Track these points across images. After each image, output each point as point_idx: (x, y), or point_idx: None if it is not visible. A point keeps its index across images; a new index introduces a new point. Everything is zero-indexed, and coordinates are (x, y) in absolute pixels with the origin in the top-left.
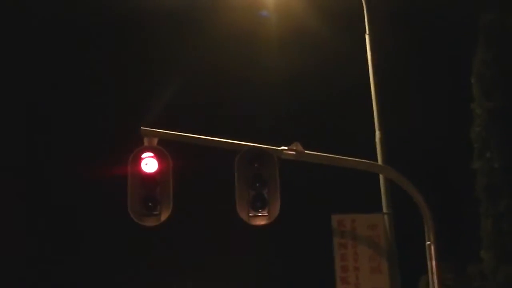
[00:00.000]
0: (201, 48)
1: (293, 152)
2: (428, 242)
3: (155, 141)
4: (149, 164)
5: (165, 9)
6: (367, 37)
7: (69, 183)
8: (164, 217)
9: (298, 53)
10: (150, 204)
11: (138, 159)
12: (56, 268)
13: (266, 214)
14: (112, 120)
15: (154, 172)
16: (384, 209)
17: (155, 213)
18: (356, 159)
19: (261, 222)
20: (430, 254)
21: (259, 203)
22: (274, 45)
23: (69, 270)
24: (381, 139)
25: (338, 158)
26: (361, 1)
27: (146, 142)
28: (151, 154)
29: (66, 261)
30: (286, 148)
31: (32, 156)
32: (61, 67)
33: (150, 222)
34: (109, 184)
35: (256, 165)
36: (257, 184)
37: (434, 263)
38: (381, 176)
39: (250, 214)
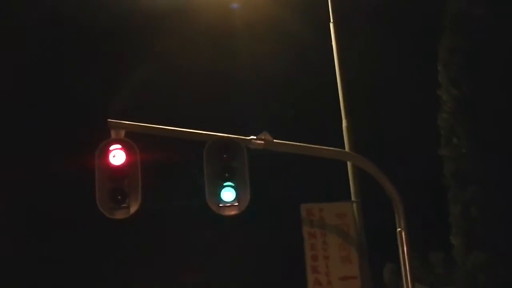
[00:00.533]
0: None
1: (262, 142)
2: (399, 229)
3: (122, 133)
4: (117, 156)
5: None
6: (331, 25)
7: (69, 182)
8: (133, 209)
9: (269, 42)
10: (119, 197)
11: (106, 152)
12: (56, 268)
13: (236, 204)
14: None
15: (122, 164)
16: (353, 197)
17: (123, 205)
18: (325, 147)
19: (231, 212)
20: (401, 240)
21: (229, 193)
22: (245, 36)
23: (69, 270)
24: (348, 127)
25: (308, 146)
26: None
27: (113, 134)
28: (119, 146)
29: (66, 261)
30: (255, 137)
31: (32, 155)
32: (60, 67)
33: (119, 215)
34: None
35: (225, 156)
36: (226, 175)
37: (405, 249)
38: (349, 164)
39: (220, 205)
